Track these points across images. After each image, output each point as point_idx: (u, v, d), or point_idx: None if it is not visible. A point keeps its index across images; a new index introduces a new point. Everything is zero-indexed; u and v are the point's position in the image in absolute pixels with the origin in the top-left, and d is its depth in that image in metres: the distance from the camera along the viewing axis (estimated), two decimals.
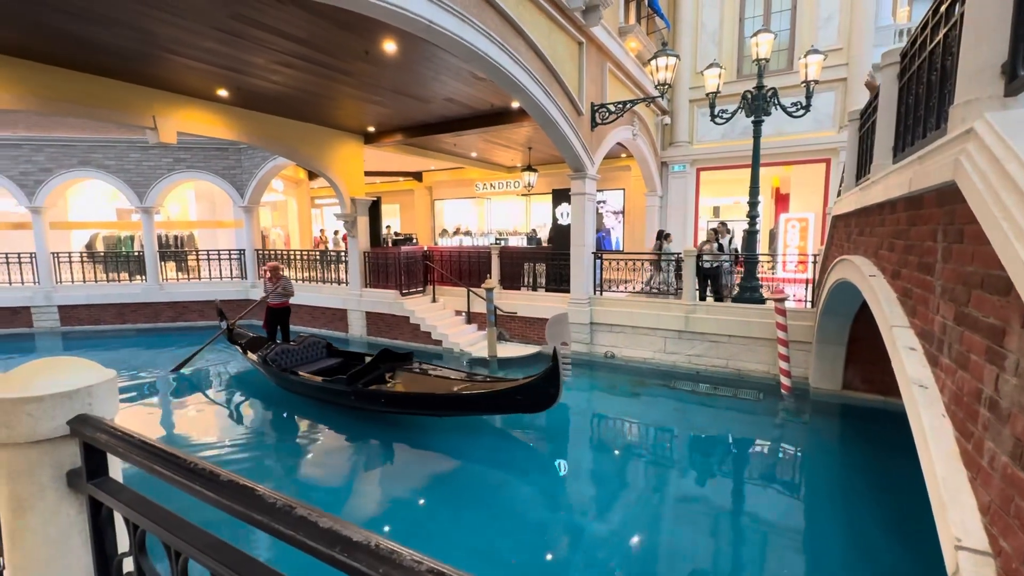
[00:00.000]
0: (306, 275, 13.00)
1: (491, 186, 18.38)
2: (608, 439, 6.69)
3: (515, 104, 9.22)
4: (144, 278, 13.20)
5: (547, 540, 4.29)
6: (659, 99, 11.30)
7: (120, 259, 13.77)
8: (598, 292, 9.80)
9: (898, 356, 2.55)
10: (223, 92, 8.30)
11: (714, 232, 9.21)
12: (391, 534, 3.27)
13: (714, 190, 15.27)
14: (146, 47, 6.35)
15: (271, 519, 0.73)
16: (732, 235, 10.17)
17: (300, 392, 7.22)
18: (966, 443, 1.78)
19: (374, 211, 12.19)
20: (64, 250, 13.20)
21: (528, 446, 6.22)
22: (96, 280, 13.26)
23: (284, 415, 7.28)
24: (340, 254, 12.71)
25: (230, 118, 9.07)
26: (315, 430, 6.79)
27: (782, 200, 14.88)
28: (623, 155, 13.98)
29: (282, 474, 5.57)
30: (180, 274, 14.07)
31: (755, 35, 8.08)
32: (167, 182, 13.19)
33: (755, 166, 8.57)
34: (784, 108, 8.23)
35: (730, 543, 4.31)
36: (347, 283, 12.06)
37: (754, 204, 8.59)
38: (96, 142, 12.56)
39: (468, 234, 18.72)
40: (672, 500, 5.00)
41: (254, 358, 7.84)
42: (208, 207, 15.62)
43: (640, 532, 4.43)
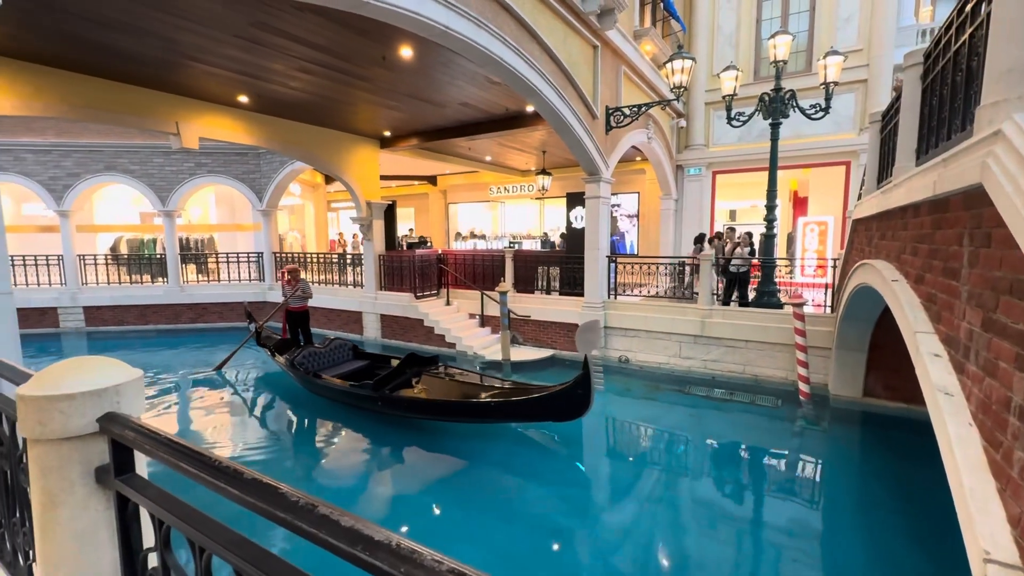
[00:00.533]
0: (322, 278, 13.17)
1: (505, 189, 18.43)
2: (623, 444, 6.63)
3: (529, 108, 9.24)
4: (166, 280, 13.50)
5: (562, 545, 4.27)
6: (674, 102, 11.24)
7: (143, 261, 14.12)
8: (612, 296, 9.75)
9: (922, 363, 2.49)
10: (243, 98, 8.47)
11: (748, 236, 9.09)
12: (408, 535, 3.28)
13: (730, 193, 15.10)
14: (170, 55, 6.52)
15: (294, 517, 0.74)
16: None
17: (327, 396, 7.25)
18: (995, 453, 1.73)
19: (389, 214, 12.31)
20: (90, 253, 13.57)
21: (543, 451, 6.20)
22: (120, 282, 13.60)
23: (309, 417, 7.33)
24: (356, 257, 12.86)
25: (250, 123, 9.25)
26: (338, 432, 6.84)
27: (800, 203, 14.66)
28: (638, 158, 13.91)
29: (302, 474, 5.64)
30: (200, 276, 14.37)
31: (773, 37, 7.99)
32: (188, 186, 13.49)
33: (773, 169, 8.46)
34: (803, 110, 8.12)
35: (748, 553, 4.24)
36: (362, 286, 12.18)
37: (771, 207, 8.47)
38: (121, 147, 12.91)
39: (483, 237, 18.78)
40: (688, 507, 4.94)
41: (282, 361, 7.89)
42: (228, 211, 15.93)
43: (655, 539, 4.38)
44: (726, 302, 8.86)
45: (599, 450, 6.43)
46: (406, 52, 6.62)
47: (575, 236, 10.56)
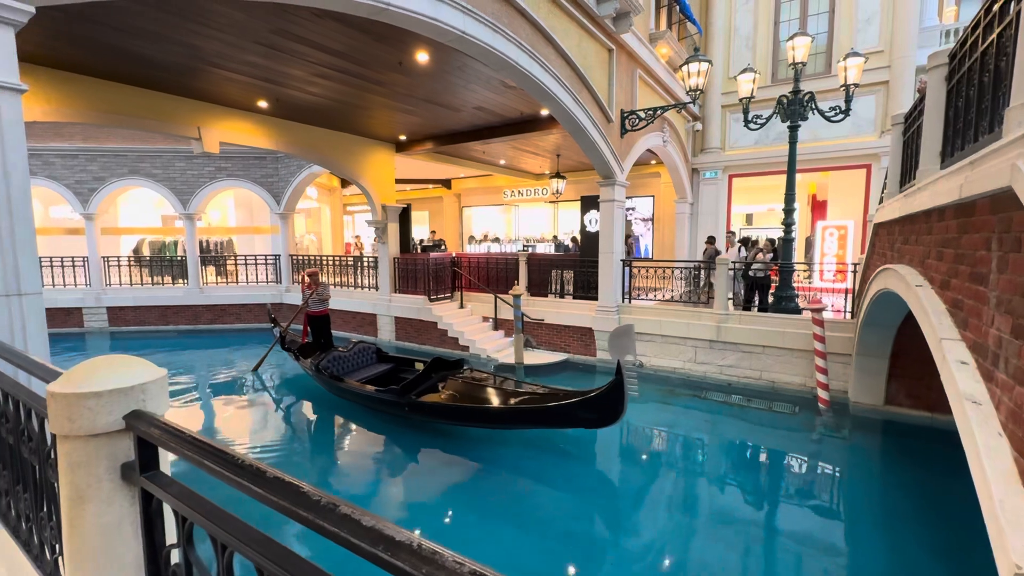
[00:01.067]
0: (337, 280, 13.32)
1: (519, 193, 18.46)
2: (638, 449, 6.56)
3: (544, 112, 9.26)
4: (186, 282, 13.78)
5: (579, 551, 4.24)
6: (690, 105, 11.16)
7: (164, 263, 14.44)
8: (627, 300, 9.69)
9: (948, 370, 2.43)
10: (263, 103, 8.63)
11: (770, 242, 8.96)
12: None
13: (747, 197, 14.93)
14: (193, 61, 6.67)
15: (315, 515, 0.75)
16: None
17: (352, 400, 7.23)
18: None
19: (404, 218, 12.42)
20: (113, 254, 13.92)
21: (556, 455, 6.16)
22: (142, 283, 13.92)
23: (330, 420, 7.37)
24: (371, 259, 12.98)
25: (269, 128, 9.41)
26: (358, 435, 6.87)
27: (819, 207, 14.42)
28: (653, 161, 13.84)
29: (320, 474, 5.68)
30: (219, 278, 14.63)
31: (791, 38, 7.90)
32: (209, 190, 13.77)
33: (791, 172, 8.34)
34: (822, 113, 8.00)
35: (766, 564, 4.16)
36: (377, 288, 12.29)
37: (790, 211, 8.35)
38: (144, 152, 13.24)
39: (497, 240, 18.80)
40: (705, 515, 4.86)
41: (307, 364, 7.89)
42: (246, 214, 16.22)
43: (671, 548, 4.33)
44: (746, 307, 8.74)
45: (613, 455, 6.37)
46: (422, 57, 6.68)
47: (589, 240, 10.53)
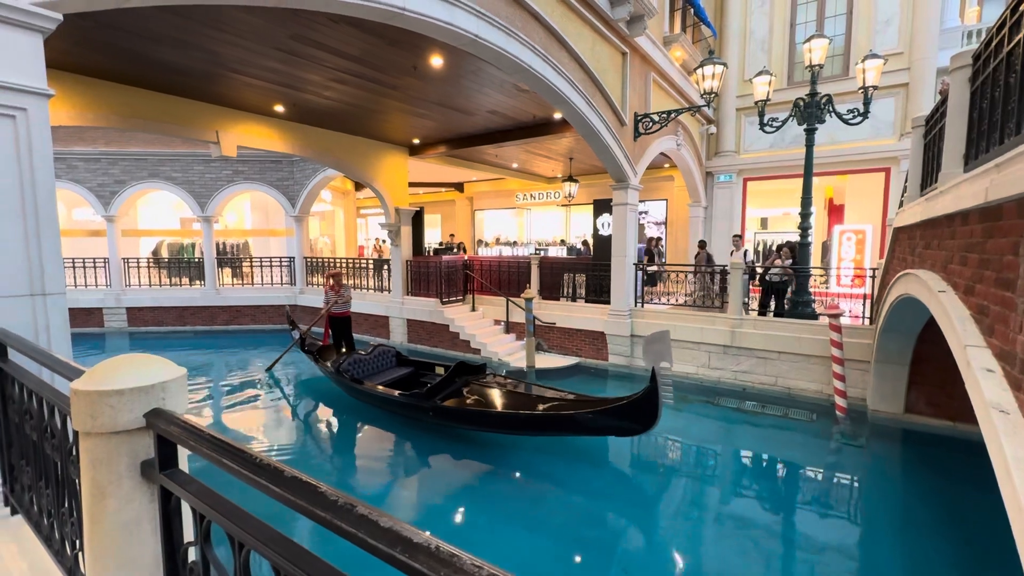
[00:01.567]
0: (349, 282, 13.42)
1: (531, 196, 18.48)
2: (651, 455, 6.48)
3: (557, 115, 9.27)
4: (203, 283, 14.01)
5: (593, 558, 4.20)
6: (705, 108, 11.09)
7: (182, 265, 14.70)
8: (639, 304, 9.62)
9: (973, 378, 2.37)
10: (280, 108, 8.76)
11: (789, 248, 8.84)
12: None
13: (761, 201, 14.76)
14: (213, 67, 6.80)
15: (333, 515, 0.75)
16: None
17: (373, 403, 7.19)
18: None
19: (417, 221, 12.49)
20: (133, 256, 14.21)
21: (566, 460, 6.12)
22: (160, 284, 14.19)
23: (346, 421, 7.39)
24: (384, 262, 13.08)
25: (285, 132, 9.55)
26: (376, 437, 6.89)
27: (836, 211, 14.20)
28: (666, 165, 13.76)
29: (337, 476, 5.72)
30: (235, 280, 14.85)
31: (808, 40, 7.80)
32: (226, 193, 14.00)
33: (807, 176, 8.23)
34: (840, 115, 7.88)
35: (784, 573, 4.08)
36: (389, 291, 12.37)
37: (806, 215, 8.23)
38: (165, 155, 13.52)
39: (515, 244, 18.81)
40: (719, 524, 4.79)
41: (327, 367, 7.89)
42: (262, 216, 16.45)
43: (684, 555, 4.27)
44: (761, 312, 8.63)
45: (625, 460, 6.30)
46: (436, 61, 6.73)
47: (602, 243, 10.50)
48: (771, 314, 8.66)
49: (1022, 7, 2.41)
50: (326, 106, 8.68)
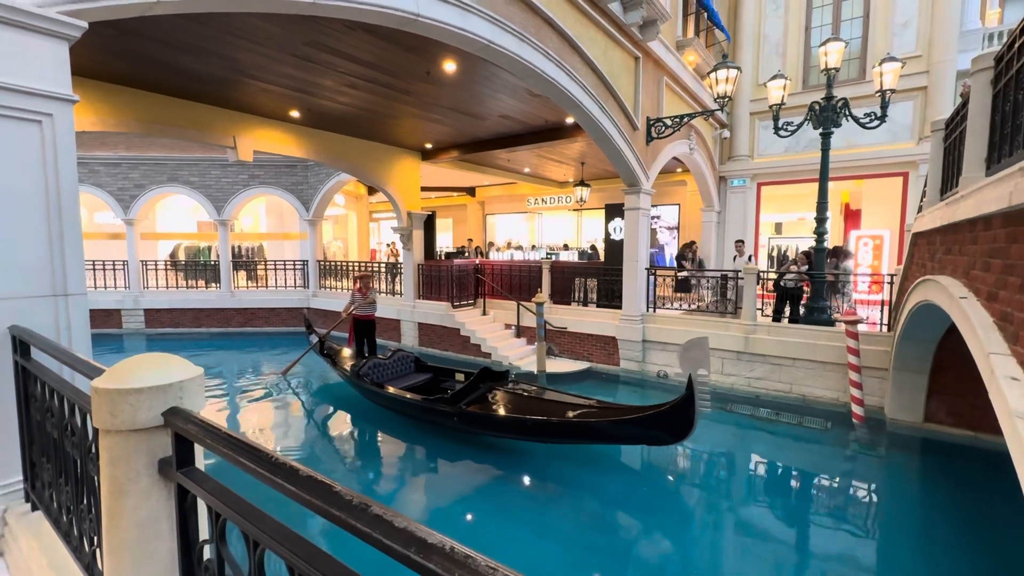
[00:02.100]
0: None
1: (543, 201, 18.48)
2: (662, 462, 6.42)
3: (569, 120, 9.26)
4: (218, 286, 14.21)
5: (604, 564, 4.16)
6: (718, 112, 11.01)
7: (198, 268, 14.94)
8: (651, 309, 9.56)
9: (997, 387, 2.31)
10: (295, 113, 8.89)
11: (805, 256, 8.72)
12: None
13: (775, 206, 14.58)
14: (231, 73, 6.93)
15: (347, 515, 0.75)
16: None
17: (392, 407, 7.17)
18: None
19: (429, 225, 12.55)
20: (151, 258, 14.47)
21: (580, 464, 6.08)
22: (177, 287, 14.42)
23: (361, 425, 7.40)
24: (397, 266, 13.17)
25: (300, 137, 9.68)
26: (391, 440, 6.89)
27: (852, 216, 13.98)
28: (679, 169, 13.68)
29: (350, 476, 5.74)
30: (250, 283, 15.05)
31: (823, 44, 7.73)
32: (242, 197, 14.22)
33: (823, 180, 8.13)
34: (856, 119, 7.78)
35: None
36: (401, 294, 12.43)
37: (822, 220, 8.12)
38: (183, 160, 13.78)
39: (533, 248, 18.76)
40: (731, 533, 4.72)
41: (346, 371, 7.91)
42: (276, 220, 16.67)
43: (698, 564, 4.21)
44: (776, 318, 8.52)
45: (636, 466, 6.24)
46: (450, 67, 6.78)
47: (613, 248, 10.45)
48: (786, 320, 8.55)
49: None
50: (340, 111, 8.78)
